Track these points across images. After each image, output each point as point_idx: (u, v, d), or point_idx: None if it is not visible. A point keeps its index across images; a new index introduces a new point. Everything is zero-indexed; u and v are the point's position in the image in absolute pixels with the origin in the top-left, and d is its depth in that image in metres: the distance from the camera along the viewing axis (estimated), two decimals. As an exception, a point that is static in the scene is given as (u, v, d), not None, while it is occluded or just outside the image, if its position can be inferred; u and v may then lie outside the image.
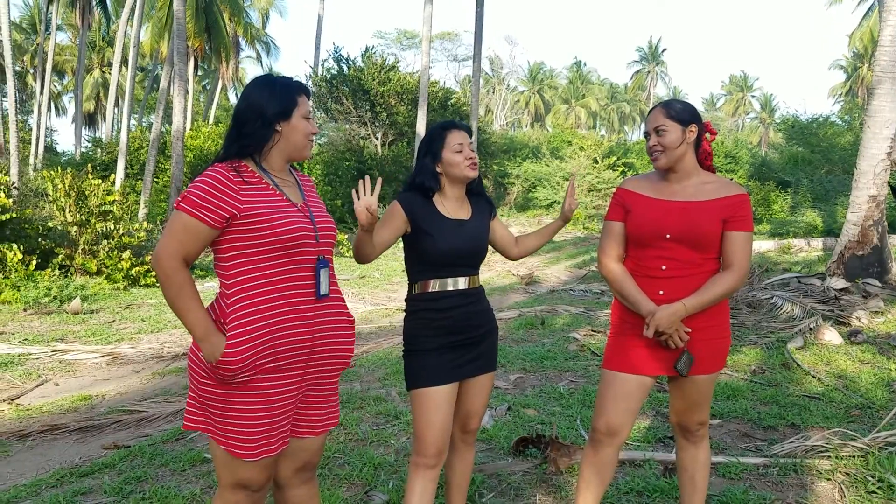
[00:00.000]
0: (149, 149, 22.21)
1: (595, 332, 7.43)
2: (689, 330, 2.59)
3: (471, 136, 2.80)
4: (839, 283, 9.05)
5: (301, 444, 2.35)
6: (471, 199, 2.84)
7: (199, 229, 2.11)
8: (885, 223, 9.91)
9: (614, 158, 26.98)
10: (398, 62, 28.22)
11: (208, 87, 47.22)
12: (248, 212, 2.14)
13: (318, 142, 27.76)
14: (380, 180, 2.51)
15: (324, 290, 2.27)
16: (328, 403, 2.38)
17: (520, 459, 3.94)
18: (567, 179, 26.31)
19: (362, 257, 2.61)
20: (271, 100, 2.26)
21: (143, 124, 37.98)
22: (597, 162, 26.40)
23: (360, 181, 2.39)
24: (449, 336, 2.66)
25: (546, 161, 28.82)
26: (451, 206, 2.74)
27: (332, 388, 2.39)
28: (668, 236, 2.61)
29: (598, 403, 2.74)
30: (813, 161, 23.95)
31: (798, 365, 5.94)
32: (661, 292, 2.61)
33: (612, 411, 2.67)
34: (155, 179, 22.68)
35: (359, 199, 2.36)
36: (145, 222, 14.56)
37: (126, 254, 11.08)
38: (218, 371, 2.11)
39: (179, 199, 2.14)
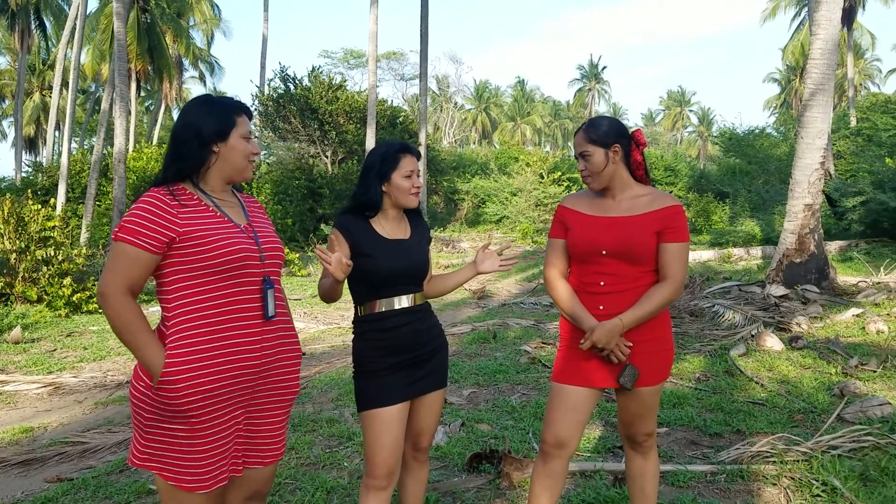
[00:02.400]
0: (90, 172, 21.72)
1: (545, 343, 7.51)
2: (630, 344, 2.64)
3: (419, 160, 2.81)
4: (779, 290, 9.32)
5: (250, 474, 2.32)
6: (410, 219, 2.84)
7: (141, 257, 2.08)
8: (822, 231, 10.26)
9: (559, 174, 27.37)
10: (345, 81, 28.23)
11: (151, 108, 46.45)
12: (187, 234, 2.11)
13: (267, 161, 27.51)
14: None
15: (271, 311, 2.24)
16: (278, 432, 2.35)
17: (474, 475, 3.95)
18: (515, 195, 26.57)
19: (332, 299, 2.64)
20: (208, 119, 2.23)
21: (85, 147, 37.12)
22: (543, 177, 26.73)
23: (319, 249, 2.46)
24: (397, 355, 2.66)
25: (494, 177, 29.10)
26: (390, 226, 2.74)
27: (283, 415, 2.37)
28: (603, 252, 2.66)
29: (546, 416, 2.77)
30: (750, 172, 24.69)
31: (741, 371, 6.09)
32: (601, 307, 2.67)
33: (560, 423, 2.70)
34: (97, 202, 22.18)
35: (329, 262, 2.44)
36: (86, 247, 14.20)
37: (67, 280, 10.79)
38: (164, 400, 2.07)
39: (117, 228, 2.10)
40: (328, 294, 2.63)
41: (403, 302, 2.70)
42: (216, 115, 2.25)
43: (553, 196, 25.65)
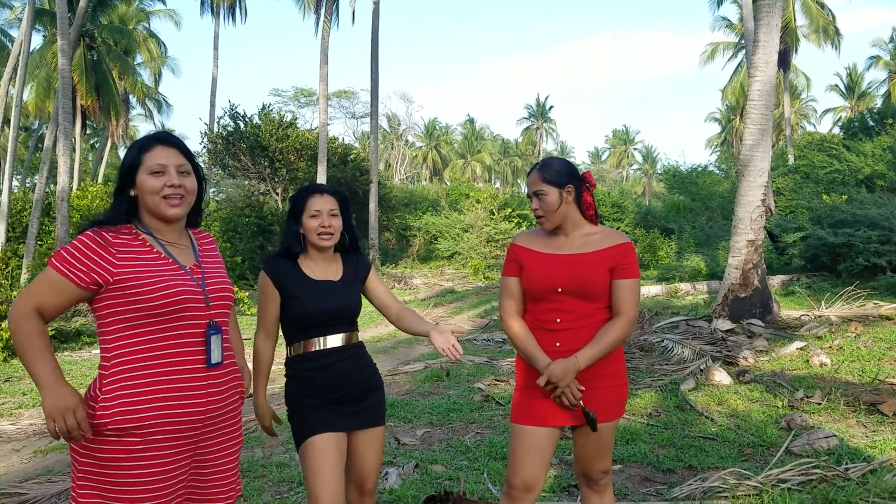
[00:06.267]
0: (32, 210, 21.13)
1: (498, 381, 7.50)
2: (583, 388, 2.65)
3: (342, 200, 2.81)
4: (725, 324, 9.51)
5: None
6: (344, 258, 2.85)
7: (63, 285, 2.03)
8: (764, 266, 10.54)
9: (509, 210, 27.69)
10: (296, 119, 28.23)
11: (97, 146, 45.60)
12: (122, 276, 2.06)
13: (216, 198, 27.18)
14: None
15: (215, 358, 2.18)
16: (228, 476, 2.29)
17: (428, 519, 3.89)
18: (466, 231, 26.80)
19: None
20: (123, 161, 2.21)
21: (27, 185, 36.17)
22: (493, 214, 27.00)
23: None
24: (329, 393, 2.68)
25: (445, 213, 29.30)
26: (318, 267, 2.77)
27: (232, 459, 2.31)
28: (559, 290, 2.69)
29: (511, 459, 2.76)
30: (694, 208, 25.33)
31: (692, 406, 6.17)
32: (557, 344, 2.68)
33: (526, 466, 2.69)
34: (39, 242, 21.52)
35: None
36: (27, 288, 13.77)
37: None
38: (99, 446, 2.02)
39: (53, 254, 2.07)
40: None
41: (336, 341, 2.72)
42: (127, 155, 2.21)
43: (504, 232, 25.89)
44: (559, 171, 2.76)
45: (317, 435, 2.60)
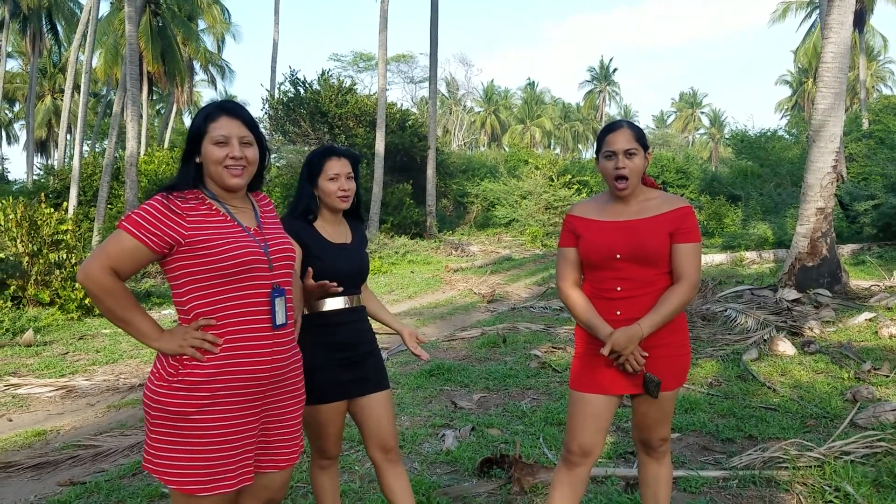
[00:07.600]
0: (102, 175, 21.87)
1: (556, 348, 7.48)
2: (646, 354, 2.62)
3: (355, 162, 2.85)
4: (791, 294, 9.26)
5: (264, 481, 2.32)
6: (350, 223, 2.93)
7: (138, 250, 2.09)
8: (834, 234, 10.19)
9: (569, 176, 27.35)
10: (355, 85, 28.34)
11: (163, 112, 46.70)
12: (193, 237, 2.12)
13: (277, 164, 27.58)
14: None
15: (279, 320, 2.23)
16: (292, 436, 2.35)
17: (484, 480, 3.94)
18: (524, 198, 26.63)
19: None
20: (189, 129, 2.26)
21: (97, 150, 37.34)
22: (552, 180, 26.71)
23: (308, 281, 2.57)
24: (337, 352, 2.76)
25: (504, 180, 29.12)
26: (332, 230, 2.83)
27: (296, 417, 2.37)
28: (618, 256, 2.65)
29: (569, 425, 2.76)
30: (762, 175, 24.58)
31: (754, 377, 6.05)
32: (618, 312, 2.65)
33: (584, 432, 2.69)
34: (109, 206, 22.30)
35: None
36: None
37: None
38: (172, 400, 2.09)
39: (123, 218, 2.12)
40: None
41: (348, 302, 2.81)
42: (192, 123, 2.27)
43: (563, 199, 25.63)
44: (643, 134, 2.72)
45: (328, 404, 2.75)
